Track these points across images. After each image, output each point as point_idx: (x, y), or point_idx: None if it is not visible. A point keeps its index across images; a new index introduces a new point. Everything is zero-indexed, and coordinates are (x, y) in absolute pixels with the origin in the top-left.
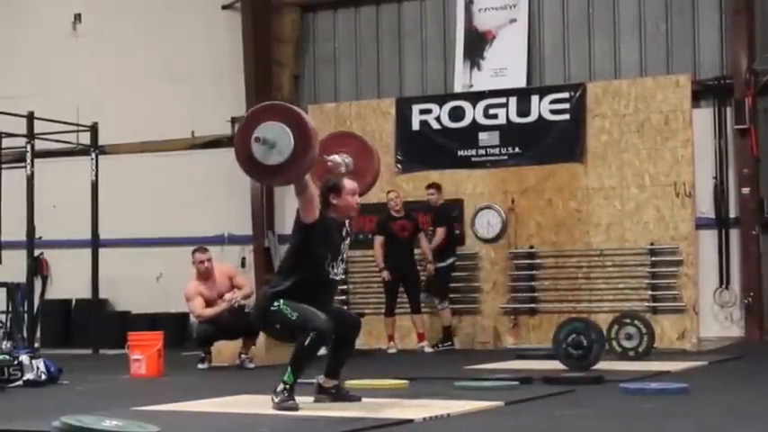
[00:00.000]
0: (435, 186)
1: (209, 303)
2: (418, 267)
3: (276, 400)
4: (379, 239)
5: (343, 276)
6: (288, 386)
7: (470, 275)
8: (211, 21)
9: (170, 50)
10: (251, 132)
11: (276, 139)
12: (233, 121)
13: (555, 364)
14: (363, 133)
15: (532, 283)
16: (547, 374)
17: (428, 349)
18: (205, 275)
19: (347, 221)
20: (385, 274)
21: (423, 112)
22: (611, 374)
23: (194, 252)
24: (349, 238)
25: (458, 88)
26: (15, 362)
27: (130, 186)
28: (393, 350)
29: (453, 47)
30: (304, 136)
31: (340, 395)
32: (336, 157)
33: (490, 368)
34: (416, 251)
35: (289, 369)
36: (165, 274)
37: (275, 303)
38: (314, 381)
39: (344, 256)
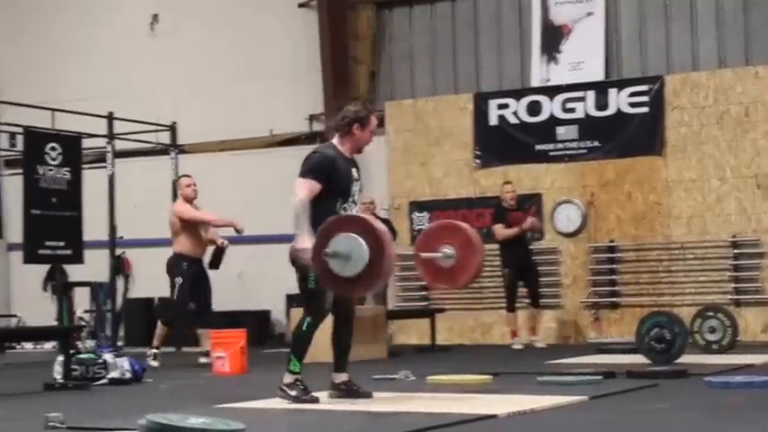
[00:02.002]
0: None
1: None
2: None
3: (293, 393)
4: (499, 225)
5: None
6: (298, 378)
7: (551, 270)
8: (288, 19)
9: (247, 49)
10: (325, 246)
11: (350, 250)
12: (311, 118)
13: (638, 358)
14: (441, 129)
15: (613, 277)
16: (630, 368)
17: (540, 344)
18: (191, 199)
19: (355, 168)
20: (534, 221)
21: (500, 106)
22: (695, 368)
23: (181, 177)
24: (360, 181)
25: (535, 82)
26: (100, 360)
27: (210, 185)
28: (518, 346)
29: (530, 41)
30: (378, 244)
31: (351, 391)
32: (430, 255)
33: (573, 363)
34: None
35: (292, 356)
36: (246, 271)
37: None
38: (396, 376)
39: (356, 197)
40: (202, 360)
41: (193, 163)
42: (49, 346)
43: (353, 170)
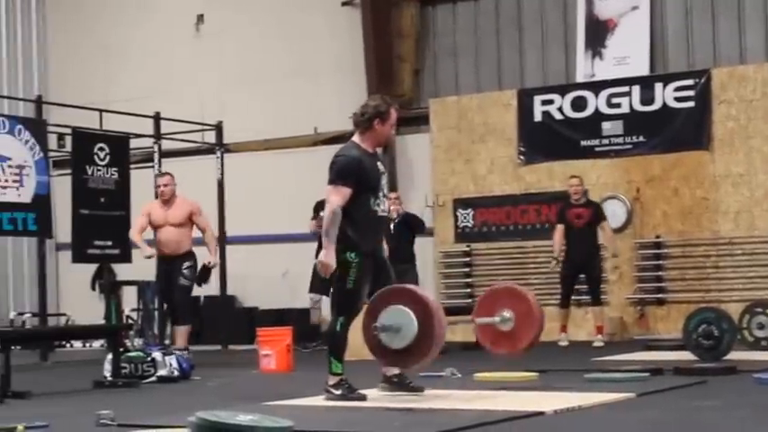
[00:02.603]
0: None
1: (154, 225)
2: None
3: (338, 392)
4: (558, 228)
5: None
6: (342, 377)
7: None
8: (332, 17)
9: (291, 48)
10: (375, 319)
11: (399, 323)
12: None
13: (685, 355)
14: (485, 126)
15: (659, 273)
16: (678, 365)
17: (599, 343)
18: (163, 199)
19: (379, 162)
20: (552, 264)
21: (544, 102)
22: (744, 365)
23: (156, 176)
24: (386, 174)
25: (580, 78)
26: (149, 358)
27: (255, 184)
28: (564, 342)
29: (574, 36)
30: (427, 315)
31: (402, 384)
32: (486, 320)
33: (619, 359)
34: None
35: (331, 359)
36: (291, 270)
37: (351, 254)
38: (443, 373)
39: (385, 191)
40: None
41: (239, 162)
42: (97, 344)
43: (379, 164)
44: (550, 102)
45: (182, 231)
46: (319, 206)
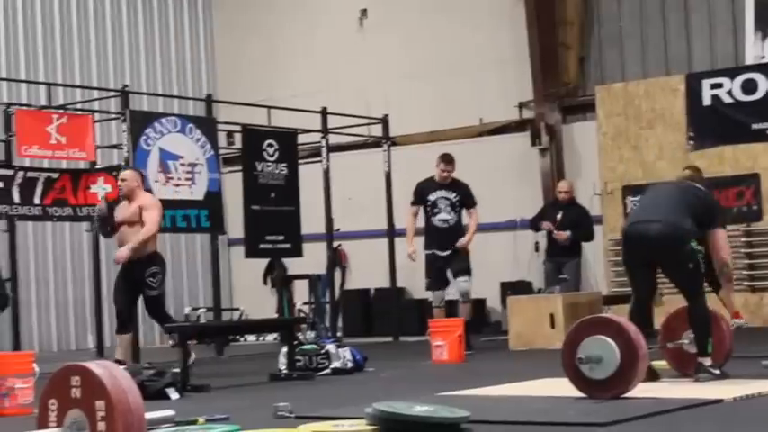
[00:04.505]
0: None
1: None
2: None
3: (718, 372)
4: None
5: None
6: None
7: None
8: (495, 7)
9: (455, 39)
10: (575, 349)
11: (601, 354)
12: (520, 106)
13: None
14: (653, 112)
15: None
16: None
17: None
18: (121, 195)
19: None
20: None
21: (713, 86)
22: None
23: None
24: None
25: (749, 60)
26: (323, 351)
27: (422, 176)
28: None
29: (742, 18)
30: (630, 348)
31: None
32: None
33: None
34: None
35: (709, 340)
36: None
37: (693, 244)
38: None
39: None
40: None
41: (405, 155)
42: (270, 338)
43: None
44: (719, 85)
45: (133, 231)
46: (421, 191)
